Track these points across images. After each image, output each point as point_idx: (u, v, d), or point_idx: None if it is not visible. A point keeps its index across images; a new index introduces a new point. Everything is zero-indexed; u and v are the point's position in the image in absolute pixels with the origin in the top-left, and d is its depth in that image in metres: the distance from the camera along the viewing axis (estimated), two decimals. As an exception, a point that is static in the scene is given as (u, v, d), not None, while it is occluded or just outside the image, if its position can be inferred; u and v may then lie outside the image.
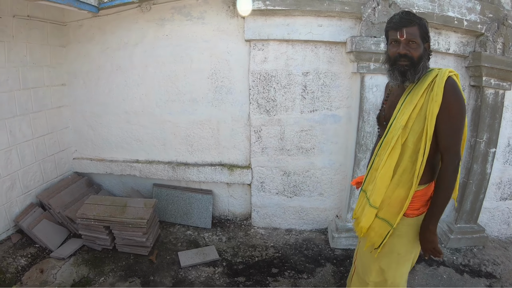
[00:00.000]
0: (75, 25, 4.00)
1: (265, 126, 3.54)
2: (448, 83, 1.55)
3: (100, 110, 4.04)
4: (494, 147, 3.56)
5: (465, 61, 3.64)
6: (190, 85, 3.67)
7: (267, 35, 3.38)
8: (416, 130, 1.61)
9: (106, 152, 4.15)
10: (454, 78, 1.57)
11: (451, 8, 3.47)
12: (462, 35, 3.58)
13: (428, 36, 1.65)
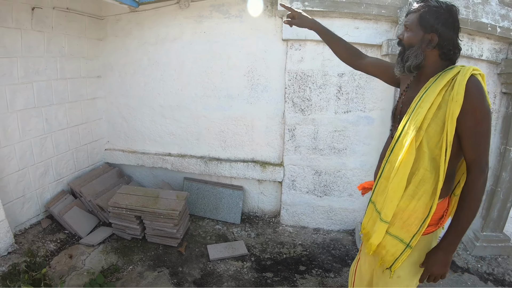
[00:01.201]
0: (112, 19, 4.21)
1: (299, 125, 3.67)
2: (472, 82, 1.39)
3: (135, 103, 4.24)
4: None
5: (497, 68, 3.70)
6: (226, 82, 3.84)
7: (304, 35, 3.51)
8: (433, 133, 1.46)
9: (138, 145, 4.36)
10: (479, 78, 1.41)
11: (485, 14, 3.55)
12: (495, 42, 3.65)
13: (431, 27, 1.49)
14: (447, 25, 1.48)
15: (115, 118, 4.41)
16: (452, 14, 1.49)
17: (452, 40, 1.50)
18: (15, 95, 3.31)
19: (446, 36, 1.49)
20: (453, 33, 1.50)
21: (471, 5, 3.56)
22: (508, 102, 3.63)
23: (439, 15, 1.48)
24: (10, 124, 3.28)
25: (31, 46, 3.44)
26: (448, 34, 1.49)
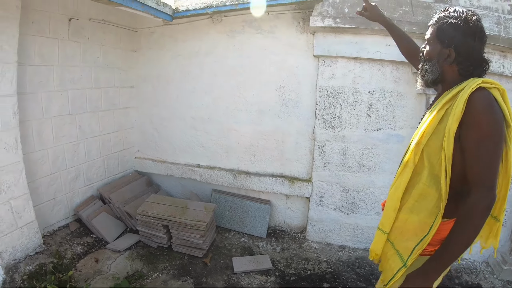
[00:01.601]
0: (146, 31, 4.37)
1: (329, 142, 3.70)
2: (478, 94, 1.30)
3: (167, 114, 4.38)
4: None
5: None
6: (257, 97, 3.93)
7: (336, 52, 3.55)
8: (433, 149, 1.41)
9: (168, 155, 4.49)
10: (494, 92, 1.32)
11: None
12: None
13: (449, 41, 1.43)
14: (466, 39, 1.41)
15: (146, 128, 4.56)
16: (472, 26, 1.41)
17: (471, 55, 1.43)
18: (51, 102, 3.50)
19: (465, 51, 1.42)
20: (474, 47, 1.42)
21: (502, 21, 3.52)
22: None
23: (457, 28, 1.42)
24: (45, 130, 3.48)
25: (67, 55, 3.64)
26: (467, 49, 1.42)
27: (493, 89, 1.32)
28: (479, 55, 1.43)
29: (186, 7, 3.82)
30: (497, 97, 1.31)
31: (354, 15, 3.44)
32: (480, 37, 1.41)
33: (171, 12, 3.82)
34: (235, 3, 3.57)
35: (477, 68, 1.44)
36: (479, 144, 1.29)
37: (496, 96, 1.31)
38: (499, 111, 1.30)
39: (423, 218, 1.42)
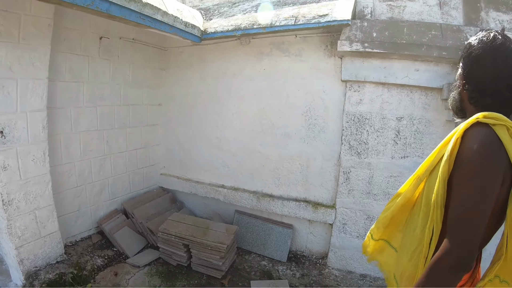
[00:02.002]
0: (175, 51, 4.49)
1: (354, 168, 3.64)
2: (471, 131, 1.16)
3: (193, 133, 4.47)
4: None
5: None
6: (284, 120, 3.93)
7: (363, 77, 3.51)
8: (427, 190, 1.31)
9: (193, 173, 4.55)
10: (492, 128, 1.13)
11: None
12: None
13: (463, 62, 1.34)
14: (477, 61, 1.27)
15: (172, 145, 4.66)
16: (487, 47, 1.25)
17: (482, 81, 1.26)
18: (80, 117, 3.66)
19: (474, 76, 1.28)
20: (486, 72, 1.25)
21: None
22: None
23: (469, 49, 1.30)
24: (73, 144, 3.63)
25: (97, 72, 3.80)
26: (476, 74, 1.28)
27: (499, 126, 1.12)
28: (495, 84, 1.22)
29: (214, 29, 3.89)
30: (502, 135, 1.11)
31: (382, 39, 3.40)
32: (501, 61, 1.21)
33: (200, 33, 3.91)
34: (263, 27, 3.60)
35: (496, 100, 1.23)
36: (462, 186, 1.14)
37: (500, 134, 1.11)
38: (498, 152, 1.10)
39: (419, 265, 1.29)
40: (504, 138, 1.10)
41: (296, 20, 3.49)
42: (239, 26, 3.73)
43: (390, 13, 3.64)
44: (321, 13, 3.46)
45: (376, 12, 3.66)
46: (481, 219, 1.10)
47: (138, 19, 3.09)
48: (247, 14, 3.95)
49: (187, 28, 3.73)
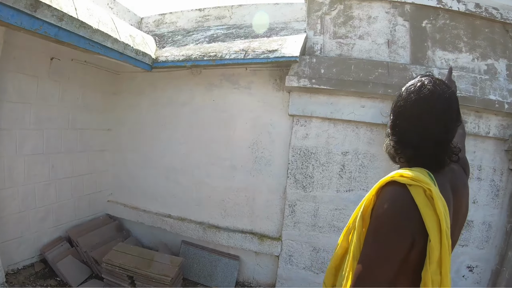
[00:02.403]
0: (128, 76, 4.42)
1: (300, 201, 3.68)
2: (383, 190, 1.15)
3: (141, 161, 4.37)
4: None
5: (504, 144, 3.74)
6: (231, 152, 3.94)
7: (310, 112, 3.60)
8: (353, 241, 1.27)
9: (140, 201, 4.44)
10: (408, 188, 1.09)
11: (492, 91, 3.63)
12: (503, 118, 3.71)
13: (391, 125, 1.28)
14: (403, 114, 1.23)
15: (120, 172, 4.53)
16: (408, 103, 1.21)
17: (403, 134, 1.23)
18: (25, 140, 3.49)
19: (397, 126, 1.25)
20: (409, 127, 1.21)
21: (478, 82, 3.63)
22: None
23: (398, 99, 1.27)
24: (17, 167, 3.45)
25: (45, 94, 3.66)
26: (399, 125, 1.24)
27: (415, 186, 1.08)
28: (419, 138, 1.19)
29: (165, 58, 3.87)
30: (417, 197, 1.06)
31: (330, 76, 3.50)
32: (425, 114, 1.17)
33: (151, 62, 3.87)
34: (213, 59, 3.62)
35: (421, 153, 1.20)
36: (366, 244, 1.12)
37: (415, 196, 1.07)
38: (408, 214, 1.06)
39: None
40: (418, 200, 1.06)
41: (245, 54, 3.53)
42: (190, 56, 3.72)
43: (340, 50, 3.77)
44: (271, 48, 3.52)
45: (325, 49, 3.78)
46: (378, 280, 1.06)
47: (87, 46, 3.04)
48: (199, 44, 3.96)
49: (138, 56, 3.69)
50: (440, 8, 3.80)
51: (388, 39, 3.76)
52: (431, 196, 1.06)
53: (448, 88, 1.20)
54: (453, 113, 1.19)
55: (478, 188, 3.78)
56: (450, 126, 1.19)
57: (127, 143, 4.46)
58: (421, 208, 1.05)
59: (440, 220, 1.05)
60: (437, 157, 1.20)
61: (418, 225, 1.05)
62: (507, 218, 3.65)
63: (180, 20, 4.74)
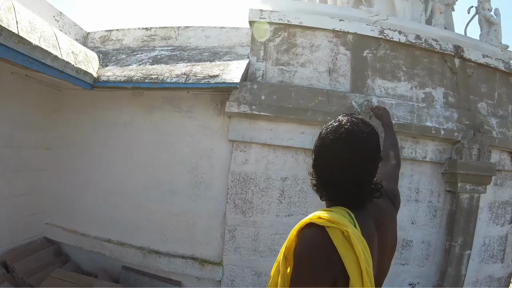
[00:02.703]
0: (69, 93, 4.29)
1: (240, 227, 3.68)
2: (302, 232, 1.17)
3: (81, 182, 4.23)
4: (469, 249, 3.80)
5: (441, 168, 3.96)
6: (170, 176, 3.87)
7: (250, 138, 3.62)
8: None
9: (79, 225, 4.28)
10: (326, 230, 1.11)
11: (429, 118, 3.82)
12: (439, 143, 3.93)
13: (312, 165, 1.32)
14: (320, 155, 1.27)
15: (59, 194, 4.36)
16: (329, 143, 1.24)
17: (320, 174, 1.26)
18: None
19: (315, 165, 1.29)
20: (326, 167, 1.25)
21: (416, 109, 3.79)
22: (452, 199, 3.86)
23: (318, 138, 1.30)
24: None
25: None
26: (317, 164, 1.28)
27: (333, 228, 1.10)
28: (336, 178, 1.21)
29: (107, 78, 3.77)
30: (335, 238, 1.08)
31: (270, 103, 3.53)
32: (340, 154, 1.20)
33: (92, 81, 3.76)
34: (154, 82, 3.57)
35: (340, 192, 1.23)
36: (290, 283, 1.13)
37: (333, 237, 1.08)
38: (326, 256, 1.08)
39: None
40: (336, 242, 1.07)
41: (187, 79, 3.51)
42: (131, 78, 3.65)
43: (281, 77, 3.81)
44: (212, 74, 3.51)
45: (267, 75, 3.82)
46: None
47: (25, 63, 2.90)
48: (142, 65, 3.90)
49: (79, 75, 3.57)
50: (381, 38, 3.94)
51: (329, 67, 3.86)
52: (349, 237, 1.07)
53: (367, 127, 1.22)
54: (371, 152, 1.22)
55: (416, 209, 3.94)
56: (368, 165, 1.22)
57: (67, 163, 4.30)
58: (340, 249, 1.06)
59: (359, 260, 1.06)
60: (357, 196, 1.22)
61: (338, 265, 1.06)
62: (445, 236, 3.86)
63: (126, 38, 4.65)
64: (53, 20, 4.37)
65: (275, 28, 3.84)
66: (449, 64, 4.16)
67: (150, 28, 4.56)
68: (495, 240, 4.32)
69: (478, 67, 4.34)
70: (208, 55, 3.98)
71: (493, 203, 4.28)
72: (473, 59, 4.25)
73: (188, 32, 4.41)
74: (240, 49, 4.14)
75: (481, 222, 4.03)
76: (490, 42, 4.69)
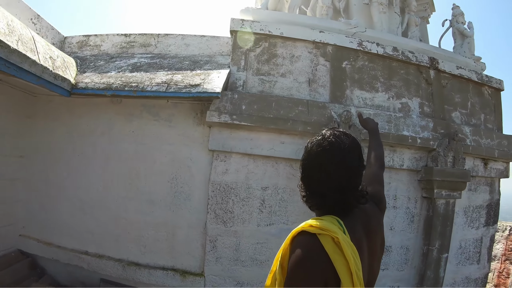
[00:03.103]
0: (45, 99, 4.16)
1: (221, 237, 3.67)
2: (295, 240, 1.19)
3: (55, 192, 4.11)
4: (446, 252, 3.96)
5: (417, 175, 4.09)
6: (149, 186, 3.81)
7: (230, 148, 3.62)
8: None
9: (55, 237, 4.15)
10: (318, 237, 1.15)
11: (406, 127, 3.93)
12: (416, 151, 4.07)
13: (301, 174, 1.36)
14: (307, 167, 1.33)
15: (33, 204, 4.22)
16: (313, 156, 1.31)
17: (308, 185, 1.32)
18: None
19: (303, 177, 1.34)
20: (312, 179, 1.31)
21: (393, 119, 3.88)
22: (429, 205, 4.01)
23: (304, 153, 1.35)
24: None
25: None
26: (304, 176, 1.33)
27: (324, 235, 1.15)
28: (321, 188, 1.27)
29: (85, 84, 3.68)
30: (326, 244, 1.13)
31: (250, 113, 3.55)
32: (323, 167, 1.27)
33: (70, 87, 3.66)
34: (134, 90, 3.52)
35: (328, 201, 1.28)
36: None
37: (325, 243, 1.13)
38: (319, 262, 1.12)
39: None
40: (327, 248, 1.12)
41: (167, 87, 3.48)
42: (110, 85, 3.59)
43: (262, 87, 3.84)
44: (193, 83, 3.50)
45: (248, 85, 3.83)
46: None
47: (2, 67, 2.80)
48: (121, 72, 3.84)
49: (56, 81, 3.47)
50: (360, 50, 4.03)
51: (309, 78, 3.91)
52: (339, 243, 1.13)
53: (348, 138, 1.31)
54: (353, 162, 1.28)
55: (394, 215, 4.03)
56: (352, 174, 1.28)
57: (41, 172, 4.16)
58: (331, 254, 1.11)
59: (350, 264, 1.12)
60: (344, 203, 1.28)
61: (329, 270, 1.11)
62: (423, 241, 3.98)
63: (105, 44, 4.57)
64: (30, 23, 4.25)
65: (256, 38, 3.87)
66: (425, 75, 4.30)
67: (129, 34, 4.50)
68: (470, 242, 4.50)
69: (452, 78, 4.50)
70: (189, 63, 3.97)
71: (468, 207, 4.46)
72: (447, 71, 4.41)
73: (168, 40, 4.38)
74: (220, 58, 4.14)
75: (457, 226, 4.20)
76: (463, 54, 4.87)
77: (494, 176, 4.78)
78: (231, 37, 3.94)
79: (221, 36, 4.32)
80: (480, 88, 4.85)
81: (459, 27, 4.99)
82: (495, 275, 6.76)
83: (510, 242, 6.74)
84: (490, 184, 4.81)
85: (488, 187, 4.78)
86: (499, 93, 5.07)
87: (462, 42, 4.99)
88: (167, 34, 4.36)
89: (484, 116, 4.81)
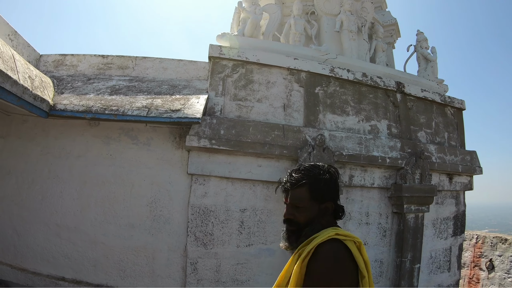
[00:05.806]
0: (19, 118, 4.10)
1: (202, 259, 3.73)
2: (326, 246, 1.32)
3: (29, 216, 4.02)
4: (418, 263, 4.23)
5: (388, 192, 4.36)
6: (128, 210, 3.81)
7: (209, 171, 3.72)
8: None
9: (29, 262, 4.05)
10: (345, 243, 1.32)
11: (376, 148, 4.17)
12: (385, 170, 4.32)
13: (324, 195, 1.47)
14: (335, 189, 1.51)
15: (5, 228, 4.10)
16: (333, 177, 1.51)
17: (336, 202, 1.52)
18: None
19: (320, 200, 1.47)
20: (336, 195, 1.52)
21: (363, 141, 4.12)
22: (399, 220, 4.27)
23: (322, 182, 1.47)
24: None
25: None
26: (337, 195, 1.53)
27: (349, 241, 1.33)
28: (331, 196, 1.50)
29: (64, 106, 3.66)
30: (352, 249, 1.31)
31: (229, 137, 3.67)
32: (336, 186, 1.51)
33: (48, 108, 3.61)
34: (115, 114, 3.55)
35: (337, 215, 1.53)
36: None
37: (351, 248, 1.31)
38: (347, 264, 1.29)
39: None
40: (354, 252, 1.30)
41: (148, 112, 3.54)
42: (90, 108, 3.59)
43: (239, 112, 3.96)
44: (174, 108, 3.58)
45: (226, 110, 3.94)
46: None
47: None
48: (100, 95, 3.85)
49: (36, 102, 3.42)
50: (332, 76, 4.25)
51: (284, 103, 4.09)
52: (360, 246, 1.34)
53: (335, 168, 1.58)
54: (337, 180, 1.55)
55: (367, 231, 4.25)
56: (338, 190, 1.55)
57: (13, 195, 4.03)
58: (356, 256, 1.30)
59: (367, 264, 1.33)
60: (342, 211, 1.54)
61: (354, 270, 1.31)
62: (395, 253, 4.23)
63: (82, 64, 4.56)
64: (7, 39, 4.16)
65: (234, 64, 4.00)
66: (392, 98, 4.58)
67: (107, 56, 4.51)
68: (440, 252, 4.83)
69: (418, 100, 4.82)
70: (167, 87, 4.04)
71: (436, 220, 4.79)
72: (413, 94, 4.73)
73: (145, 63, 4.43)
74: (197, 82, 4.23)
75: (427, 238, 4.51)
76: (427, 77, 5.23)
77: (459, 189, 5.15)
78: (209, 63, 4.05)
79: (198, 61, 4.40)
80: (444, 109, 5.21)
81: (423, 52, 5.35)
82: (466, 281, 7.23)
83: (478, 249, 7.21)
84: (456, 197, 5.18)
85: (454, 199, 5.14)
86: (461, 112, 5.48)
87: (426, 66, 5.34)
88: (144, 57, 4.41)
89: (448, 134, 5.17)
